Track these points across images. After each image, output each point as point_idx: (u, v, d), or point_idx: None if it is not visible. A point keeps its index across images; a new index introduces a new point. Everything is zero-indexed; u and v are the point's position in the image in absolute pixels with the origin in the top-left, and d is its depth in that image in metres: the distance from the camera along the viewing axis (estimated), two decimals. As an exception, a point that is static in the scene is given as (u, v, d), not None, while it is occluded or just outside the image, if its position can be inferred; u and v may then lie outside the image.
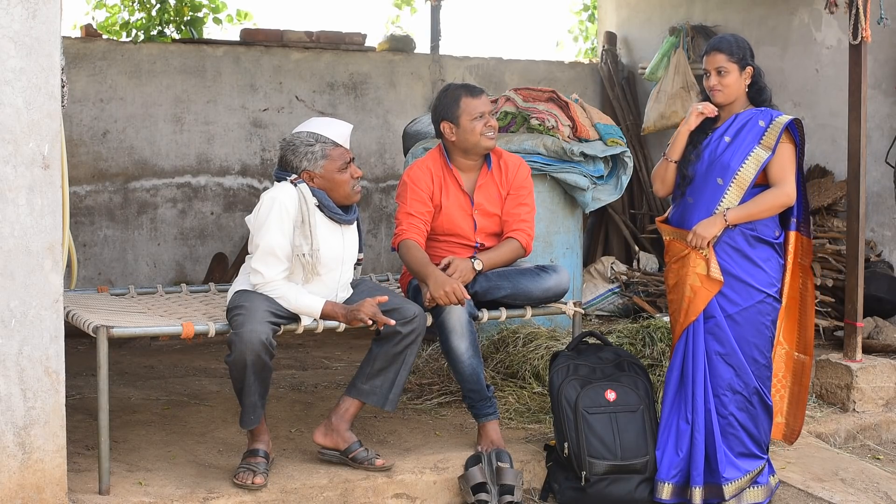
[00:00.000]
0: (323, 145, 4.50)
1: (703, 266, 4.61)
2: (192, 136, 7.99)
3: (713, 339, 4.64)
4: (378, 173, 8.60)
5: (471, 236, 4.97)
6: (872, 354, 6.15)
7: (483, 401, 4.81)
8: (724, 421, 4.64)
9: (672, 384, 4.71)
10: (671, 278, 4.76)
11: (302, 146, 4.49)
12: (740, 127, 4.62)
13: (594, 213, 8.50)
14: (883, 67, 7.22)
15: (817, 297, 7.07)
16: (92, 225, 7.71)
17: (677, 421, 4.67)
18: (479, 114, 4.88)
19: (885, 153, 7.26)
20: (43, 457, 3.92)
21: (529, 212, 5.01)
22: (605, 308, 7.77)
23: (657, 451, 4.66)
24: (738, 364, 4.63)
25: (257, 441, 4.50)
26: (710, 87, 4.66)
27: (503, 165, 5.02)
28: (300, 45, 8.40)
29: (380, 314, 4.46)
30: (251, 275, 4.47)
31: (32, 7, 3.78)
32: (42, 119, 3.83)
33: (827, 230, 7.48)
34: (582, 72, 9.45)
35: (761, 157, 4.56)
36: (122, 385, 5.88)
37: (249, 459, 4.43)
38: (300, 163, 4.49)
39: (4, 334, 3.82)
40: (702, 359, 4.63)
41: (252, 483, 4.32)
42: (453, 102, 4.91)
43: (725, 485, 4.60)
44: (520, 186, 5.00)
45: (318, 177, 4.50)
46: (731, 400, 4.64)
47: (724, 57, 4.61)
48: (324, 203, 4.51)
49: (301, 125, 4.63)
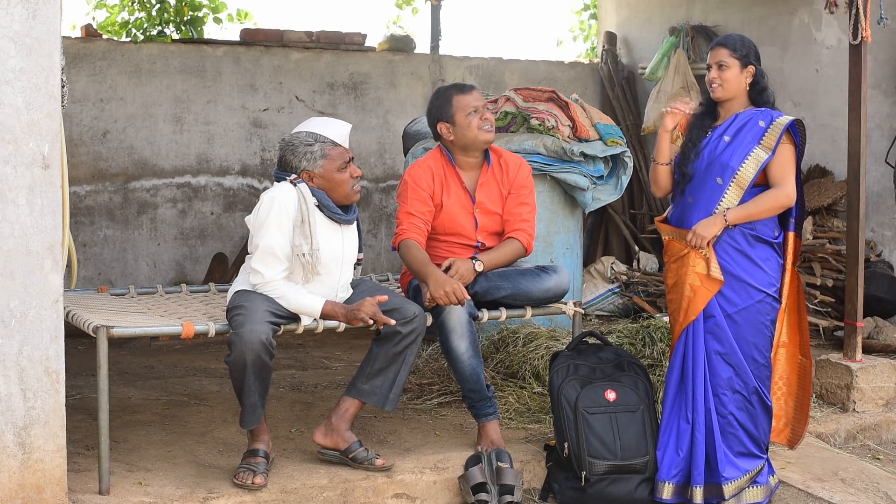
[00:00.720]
0: (322, 145, 4.50)
1: (702, 265, 4.61)
2: (192, 136, 7.99)
3: (712, 338, 4.64)
4: (378, 173, 8.60)
5: (472, 235, 4.97)
6: (872, 354, 6.15)
7: (483, 401, 4.81)
8: (723, 420, 4.64)
9: (672, 384, 4.71)
10: (670, 278, 4.76)
11: (301, 146, 4.49)
12: (740, 127, 4.63)
13: (594, 213, 8.49)
14: (883, 67, 7.22)
15: (816, 298, 7.08)
16: (92, 225, 7.71)
17: (678, 421, 4.67)
18: (472, 108, 4.89)
19: (885, 153, 7.26)
20: (43, 457, 3.92)
21: (530, 211, 5.02)
22: (605, 308, 7.77)
23: (658, 451, 4.66)
24: (738, 363, 4.63)
25: (257, 441, 4.50)
26: (710, 81, 4.70)
27: (504, 164, 5.02)
28: (300, 45, 8.40)
29: (380, 313, 4.46)
30: (251, 275, 4.47)
31: (32, 7, 3.78)
32: (42, 119, 3.83)
33: (827, 230, 7.48)
34: (582, 72, 9.45)
35: (761, 157, 4.56)
36: (122, 385, 5.88)
37: (249, 459, 4.44)
38: (299, 163, 4.48)
39: (4, 334, 3.82)
40: (702, 358, 4.63)
41: (252, 483, 4.32)
42: (445, 102, 4.92)
43: (725, 484, 4.60)
44: (521, 186, 5.01)
45: (318, 176, 4.49)
46: (730, 399, 4.64)
47: (727, 52, 4.65)
48: (323, 203, 4.51)
49: (300, 125, 4.63)
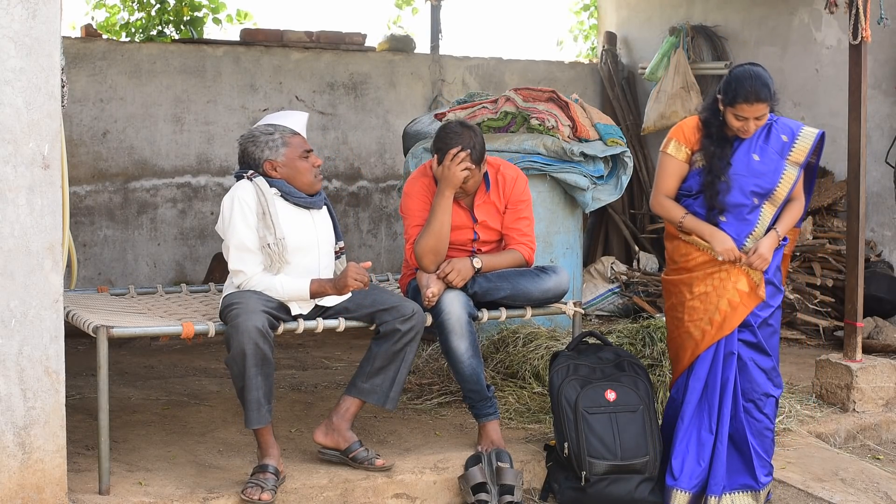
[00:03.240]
0: (282, 133, 4.58)
1: (744, 283, 4.57)
2: (192, 136, 7.99)
3: (746, 346, 4.62)
4: (378, 173, 8.60)
5: (469, 246, 4.96)
6: (872, 354, 6.14)
7: (483, 401, 4.81)
8: (760, 425, 4.63)
9: (697, 392, 4.65)
10: (699, 286, 4.64)
11: (262, 136, 4.58)
12: (763, 140, 4.56)
13: (594, 213, 8.50)
14: (883, 67, 7.22)
15: (816, 298, 7.09)
16: (92, 225, 7.71)
17: (698, 431, 4.63)
18: (460, 159, 4.77)
19: (885, 153, 7.26)
20: (43, 457, 3.91)
21: (529, 225, 5.01)
22: (605, 308, 7.77)
23: (674, 459, 4.62)
24: (770, 367, 4.64)
25: (267, 456, 4.44)
26: (745, 131, 4.52)
27: (500, 180, 5.00)
28: (300, 45, 8.40)
29: (365, 275, 4.50)
30: (233, 276, 4.52)
31: (32, 7, 3.78)
32: (42, 119, 3.83)
33: (827, 230, 7.49)
34: (582, 72, 9.46)
35: (792, 175, 4.55)
36: (122, 385, 5.88)
37: (259, 475, 4.37)
38: (261, 153, 4.55)
39: (4, 334, 3.82)
40: (733, 368, 4.61)
41: (259, 500, 4.26)
42: (441, 142, 4.83)
43: (762, 489, 4.61)
44: (518, 200, 4.98)
45: (280, 165, 4.56)
46: (765, 403, 4.64)
47: (766, 105, 4.46)
48: (285, 191, 4.55)
49: (259, 121, 4.74)
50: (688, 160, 4.63)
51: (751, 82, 4.42)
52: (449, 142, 4.79)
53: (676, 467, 4.62)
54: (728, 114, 4.49)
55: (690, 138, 4.64)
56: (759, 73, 4.46)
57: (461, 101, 6.83)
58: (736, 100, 4.44)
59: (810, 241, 7.37)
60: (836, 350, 6.17)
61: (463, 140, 4.77)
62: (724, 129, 4.57)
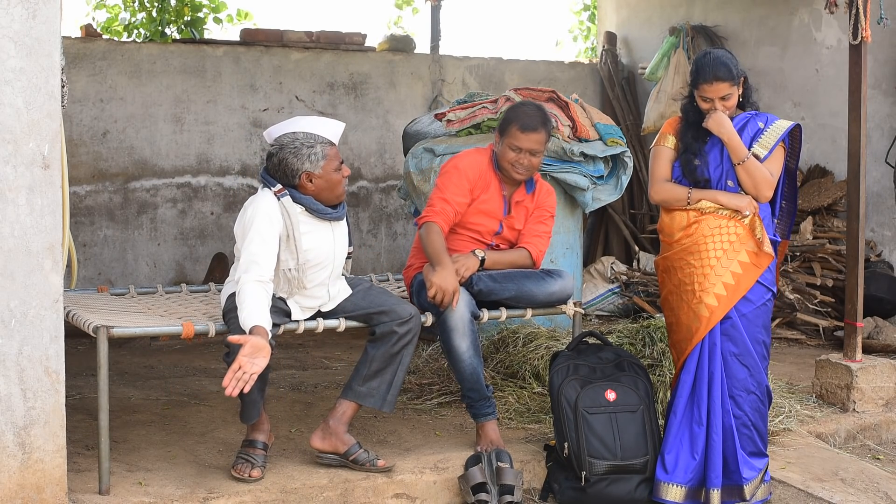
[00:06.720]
0: (322, 146, 4.46)
1: (750, 243, 4.61)
2: (192, 136, 7.99)
3: (727, 339, 4.64)
4: (378, 173, 8.60)
5: (490, 238, 4.95)
6: (872, 354, 6.15)
7: (482, 400, 4.81)
8: (738, 421, 4.65)
9: (687, 386, 4.67)
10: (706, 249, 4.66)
11: (304, 148, 4.42)
12: (740, 129, 4.66)
13: (594, 213, 8.50)
14: (883, 67, 7.22)
15: (816, 297, 7.09)
16: (92, 225, 7.71)
17: (690, 424, 4.66)
18: (517, 147, 4.84)
19: (885, 153, 7.26)
20: (43, 457, 3.92)
21: (546, 233, 5.03)
22: (605, 308, 7.77)
23: (667, 453, 4.63)
24: (752, 364, 4.65)
25: (257, 431, 4.46)
26: (711, 111, 4.66)
27: (539, 188, 5.05)
28: (300, 45, 8.40)
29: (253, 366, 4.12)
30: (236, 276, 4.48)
31: (32, 7, 3.78)
32: (42, 119, 3.83)
33: (827, 230, 7.49)
34: (582, 72, 9.46)
35: (759, 155, 4.63)
36: (122, 385, 5.88)
37: (248, 450, 4.41)
38: (301, 164, 4.42)
39: (4, 334, 3.82)
40: (719, 360, 4.63)
41: (249, 476, 4.30)
42: (508, 124, 4.89)
43: (746, 485, 4.61)
44: (545, 209, 5.04)
45: (317, 177, 4.44)
46: (745, 400, 4.65)
47: (727, 84, 4.60)
48: (311, 207, 4.46)
49: (288, 124, 4.54)
50: (675, 147, 4.79)
51: (709, 63, 4.64)
52: (527, 121, 4.83)
53: (670, 462, 4.63)
54: (697, 98, 4.69)
55: (676, 128, 4.82)
56: (718, 55, 4.68)
57: (461, 101, 6.83)
58: (697, 81, 4.66)
59: (810, 241, 7.37)
60: (836, 350, 6.17)
61: (528, 125, 4.81)
62: (700, 115, 4.72)
